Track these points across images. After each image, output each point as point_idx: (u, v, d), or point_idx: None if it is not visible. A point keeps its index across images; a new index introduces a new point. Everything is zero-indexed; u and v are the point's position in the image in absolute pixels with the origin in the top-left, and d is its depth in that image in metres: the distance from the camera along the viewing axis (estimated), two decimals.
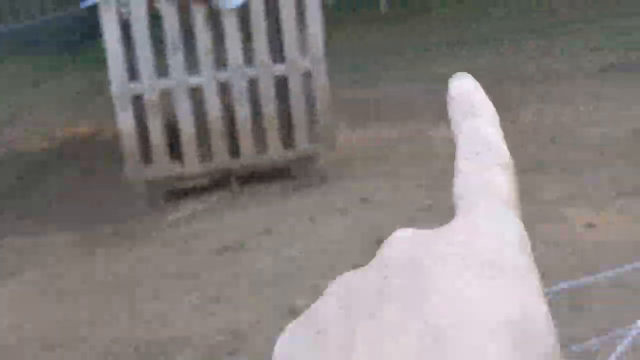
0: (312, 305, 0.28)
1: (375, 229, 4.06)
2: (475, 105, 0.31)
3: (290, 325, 0.28)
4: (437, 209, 4.29)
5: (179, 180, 4.76)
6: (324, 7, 5.22)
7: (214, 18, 4.63)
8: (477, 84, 0.32)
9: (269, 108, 4.73)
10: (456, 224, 0.27)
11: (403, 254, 0.27)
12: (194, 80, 4.62)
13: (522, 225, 0.27)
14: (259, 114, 4.75)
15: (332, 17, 10.43)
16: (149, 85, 4.56)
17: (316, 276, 3.56)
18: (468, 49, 8.37)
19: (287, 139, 4.94)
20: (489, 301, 0.24)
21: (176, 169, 4.70)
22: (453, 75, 0.32)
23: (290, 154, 4.85)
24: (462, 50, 8.37)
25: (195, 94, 4.70)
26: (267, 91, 4.71)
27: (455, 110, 0.31)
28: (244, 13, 4.60)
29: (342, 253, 3.80)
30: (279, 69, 4.72)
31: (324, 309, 0.27)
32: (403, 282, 0.25)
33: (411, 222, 4.12)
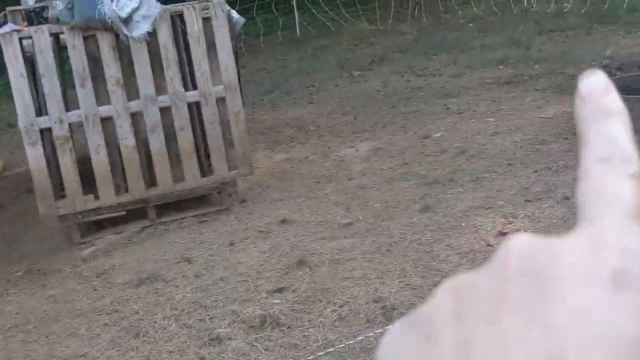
0: (420, 308, 0.27)
1: (296, 250, 4.09)
2: (607, 106, 0.29)
3: (395, 328, 0.27)
4: (357, 226, 4.36)
5: (95, 213, 4.66)
6: (238, 32, 5.25)
7: (123, 48, 4.59)
8: (610, 82, 0.29)
9: (184, 136, 4.72)
10: (580, 233, 0.26)
11: (523, 261, 0.25)
12: (104, 111, 4.56)
13: None
14: (174, 143, 4.72)
15: (249, 41, 10.47)
16: (57, 118, 4.47)
17: (236, 303, 3.56)
18: (379, 66, 8.56)
19: (205, 166, 4.92)
20: (617, 318, 0.22)
21: (91, 202, 4.61)
22: (584, 72, 0.30)
23: (208, 181, 4.84)
24: (373, 68, 8.55)
25: (108, 125, 4.63)
26: (181, 119, 4.69)
27: (584, 110, 0.29)
28: (153, 42, 4.58)
29: (262, 277, 3.81)
30: (192, 96, 4.72)
31: (434, 312, 0.26)
32: (524, 289, 0.24)
33: (332, 241, 4.19)
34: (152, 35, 4.53)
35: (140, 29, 4.41)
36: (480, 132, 5.69)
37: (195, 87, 4.73)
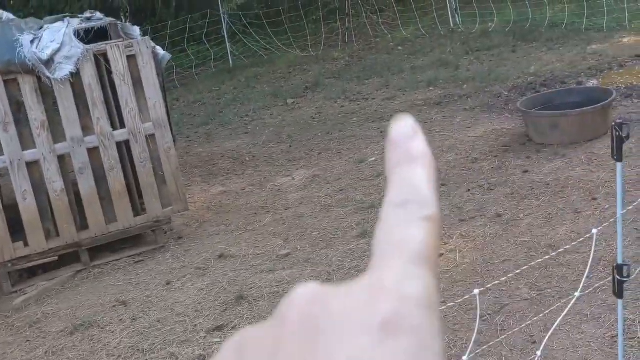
0: None
1: (235, 285, 4.04)
2: (413, 152, 0.29)
3: None
4: (295, 256, 4.34)
5: (25, 260, 4.52)
6: (166, 67, 5.20)
7: (47, 90, 4.49)
8: (418, 129, 0.30)
9: (114, 176, 4.63)
10: (363, 280, 0.26)
11: (300, 314, 0.25)
12: (30, 156, 4.44)
13: (434, 284, 0.25)
14: (104, 183, 4.63)
15: (182, 73, 10.41)
16: None
17: (175, 344, 3.48)
18: (313, 93, 8.61)
19: (138, 205, 4.84)
20: None
21: (20, 249, 4.47)
22: (394, 116, 0.30)
23: (141, 220, 4.75)
24: (307, 94, 8.60)
25: (35, 169, 4.51)
26: (110, 159, 4.61)
27: (391, 154, 0.29)
28: (78, 82, 4.49)
29: (201, 316, 3.75)
30: (121, 135, 4.64)
31: None
32: (299, 344, 0.24)
33: (271, 273, 4.15)
34: (76, 75, 4.45)
35: (63, 70, 4.32)
36: None
37: (123, 126, 4.65)
